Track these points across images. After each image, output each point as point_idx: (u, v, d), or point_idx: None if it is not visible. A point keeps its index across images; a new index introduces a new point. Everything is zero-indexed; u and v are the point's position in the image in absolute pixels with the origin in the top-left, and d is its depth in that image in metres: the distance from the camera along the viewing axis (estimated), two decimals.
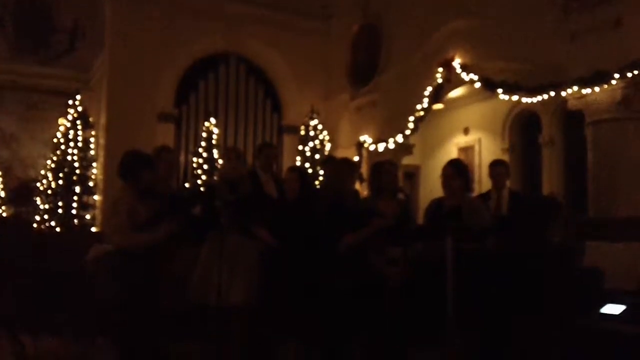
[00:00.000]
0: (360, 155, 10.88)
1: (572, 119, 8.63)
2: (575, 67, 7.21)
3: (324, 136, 11.78)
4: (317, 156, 11.48)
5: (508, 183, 5.99)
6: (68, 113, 10.96)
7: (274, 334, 4.42)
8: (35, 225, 10.39)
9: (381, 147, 10.41)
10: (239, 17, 11.91)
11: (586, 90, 6.98)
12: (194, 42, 11.79)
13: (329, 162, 5.85)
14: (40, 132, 13.06)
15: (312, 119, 11.77)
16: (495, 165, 5.94)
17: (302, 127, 11.82)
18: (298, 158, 11.69)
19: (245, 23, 11.96)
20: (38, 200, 10.80)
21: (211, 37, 11.96)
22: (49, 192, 10.62)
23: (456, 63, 8.90)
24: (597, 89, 6.87)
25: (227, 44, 12.25)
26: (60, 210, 10.48)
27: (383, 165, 4.62)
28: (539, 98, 7.80)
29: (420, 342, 4.32)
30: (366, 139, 10.92)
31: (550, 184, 9.42)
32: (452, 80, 9.12)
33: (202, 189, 9.77)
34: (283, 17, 12.23)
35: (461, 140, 11.23)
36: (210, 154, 11.12)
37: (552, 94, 7.46)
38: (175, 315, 4.01)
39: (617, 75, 6.64)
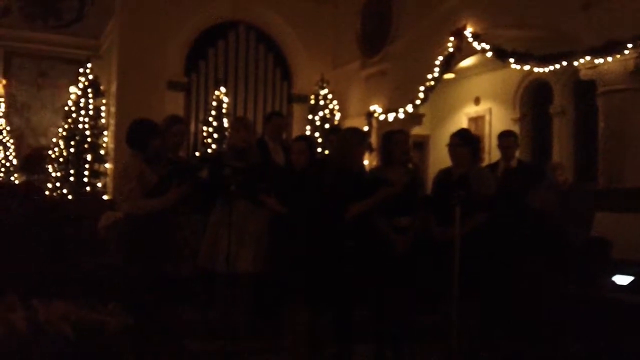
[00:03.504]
0: (370, 124, 10.85)
1: (583, 88, 8.55)
2: (588, 36, 7.12)
3: (334, 105, 11.74)
4: (326, 125, 11.45)
5: (517, 154, 5.98)
6: (79, 81, 10.99)
7: (281, 300, 4.49)
8: (47, 192, 10.51)
9: (391, 116, 10.37)
10: None
11: (598, 60, 6.90)
12: (204, 9, 11.72)
13: (337, 131, 5.86)
14: (51, 100, 13.10)
15: (322, 88, 11.71)
16: (504, 136, 5.92)
17: (312, 97, 11.77)
18: (308, 127, 11.68)
19: None
20: (50, 168, 10.89)
21: (221, 4, 11.87)
22: (61, 160, 10.72)
23: (467, 32, 8.78)
24: (609, 58, 6.79)
25: (236, 11, 12.16)
26: (71, 178, 10.58)
27: (393, 135, 4.62)
28: (551, 68, 7.73)
29: (423, 307, 4.38)
30: (376, 108, 10.88)
31: (560, 154, 9.38)
32: (463, 50, 9.02)
33: (211, 156, 9.81)
34: None
35: (471, 110, 11.16)
36: (220, 122, 11.14)
37: (564, 63, 7.39)
38: (183, 280, 4.08)
39: (629, 45, 6.55)
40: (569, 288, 4.08)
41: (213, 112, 11.26)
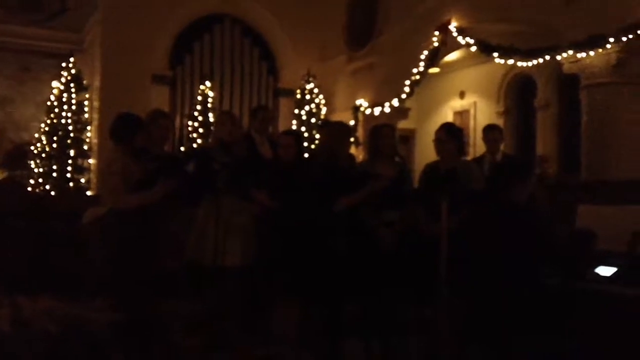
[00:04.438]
0: (356, 119, 10.86)
1: (567, 82, 8.62)
2: (572, 30, 7.18)
3: (320, 100, 11.72)
4: (313, 120, 11.44)
5: (502, 147, 6.02)
6: (62, 75, 10.86)
7: (269, 294, 4.49)
8: (29, 188, 10.40)
9: (377, 110, 10.39)
10: None
11: (581, 54, 6.97)
12: (190, 2, 11.63)
13: (324, 125, 5.86)
14: (33, 94, 12.94)
15: (308, 82, 11.69)
16: (489, 129, 5.96)
17: (298, 91, 11.75)
18: (294, 121, 11.66)
19: None
20: (32, 163, 10.77)
21: None
22: (43, 155, 10.60)
23: (452, 26, 8.82)
24: (592, 52, 6.85)
25: (222, 5, 12.08)
26: (54, 174, 10.48)
27: (381, 129, 4.63)
28: (535, 62, 7.78)
29: (412, 301, 4.40)
30: (362, 102, 10.89)
31: (544, 147, 9.47)
32: (449, 44, 9.05)
33: (196, 149, 9.77)
34: None
35: (457, 104, 11.21)
36: (206, 117, 11.07)
37: (548, 57, 7.45)
38: (170, 274, 4.07)
39: (612, 39, 6.62)
40: (553, 280, 4.12)
41: (198, 107, 11.18)
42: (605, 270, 4.15)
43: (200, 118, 11.09)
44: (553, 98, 9.56)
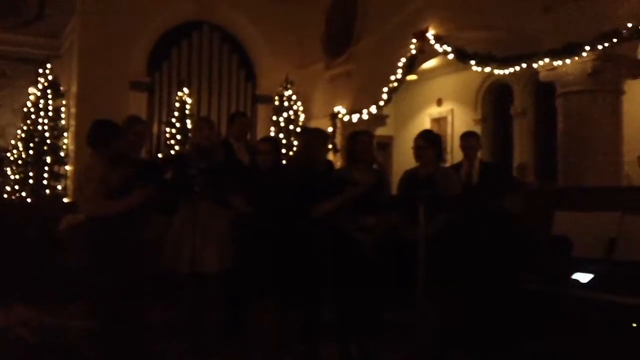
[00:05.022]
0: (334, 125, 10.89)
1: (543, 90, 8.74)
2: (549, 38, 7.28)
3: (298, 106, 11.74)
4: (291, 127, 11.44)
5: (479, 154, 6.07)
6: (38, 82, 10.73)
7: (247, 298, 4.48)
8: (5, 195, 10.24)
9: (355, 117, 10.43)
10: None
11: (558, 62, 7.07)
12: (167, 8, 11.57)
13: (302, 132, 5.87)
14: (10, 100, 12.77)
15: (287, 89, 11.69)
16: (466, 136, 6.00)
17: (277, 97, 11.75)
18: (272, 128, 11.65)
19: None
20: (8, 170, 10.61)
21: (184, 4, 11.76)
22: (20, 162, 10.45)
23: (430, 34, 8.90)
24: (568, 60, 6.96)
25: (200, 11, 12.05)
26: (31, 181, 10.33)
27: (358, 136, 4.65)
28: (511, 70, 7.88)
29: (390, 305, 4.41)
30: (340, 109, 10.93)
31: (521, 154, 9.58)
32: (426, 51, 9.13)
33: (174, 156, 9.71)
34: None
35: (434, 111, 11.31)
36: (184, 123, 11.01)
37: (524, 65, 7.54)
38: (148, 281, 4.03)
39: (587, 47, 6.72)
40: (531, 285, 4.17)
41: (176, 113, 11.12)
42: (582, 277, 4.20)
43: (178, 124, 11.02)
44: (529, 106, 9.69)
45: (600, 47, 6.67)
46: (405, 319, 4.31)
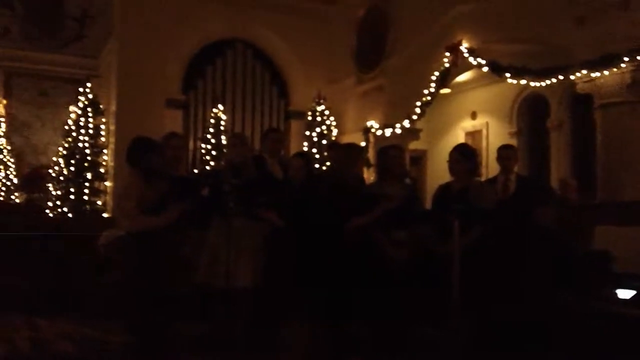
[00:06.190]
0: (367, 140, 10.89)
1: (580, 102, 8.60)
2: (584, 49, 7.18)
3: (331, 121, 11.79)
4: (324, 141, 11.49)
5: (516, 167, 5.98)
6: (79, 100, 11.03)
7: (279, 314, 4.49)
8: (47, 211, 10.50)
9: (388, 132, 10.41)
10: (244, 2, 11.91)
11: (595, 74, 6.95)
12: (202, 28, 11.81)
13: (334, 146, 5.89)
14: (51, 118, 13.16)
15: (319, 104, 11.77)
16: (503, 149, 5.91)
17: (309, 113, 11.83)
18: (305, 143, 11.72)
19: (251, 8, 11.96)
20: (50, 186, 10.89)
21: (218, 23, 11.98)
22: (61, 178, 10.73)
23: (463, 47, 8.86)
24: (605, 72, 6.84)
25: (233, 30, 12.26)
26: (72, 196, 10.58)
27: (389, 150, 4.65)
28: (547, 82, 7.78)
29: (423, 321, 4.38)
30: (373, 124, 10.93)
31: (558, 168, 9.41)
32: (460, 65, 9.08)
33: (209, 173, 9.84)
34: (288, 2, 12.22)
35: (468, 124, 11.21)
36: (219, 140, 11.18)
37: (561, 77, 7.44)
38: (182, 297, 4.09)
39: (626, 58, 6.60)
40: (570, 300, 4.08)
41: (211, 130, 11.30)
42: (624, 293, 4.09)
43: (212, 140, 11.19)
44: (566, 118, 9.52)
45: (639, 57, 6.54)
46: (437, 333, 4.27)
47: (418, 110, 9.76)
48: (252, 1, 11.97)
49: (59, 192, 10.67)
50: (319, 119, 11.74)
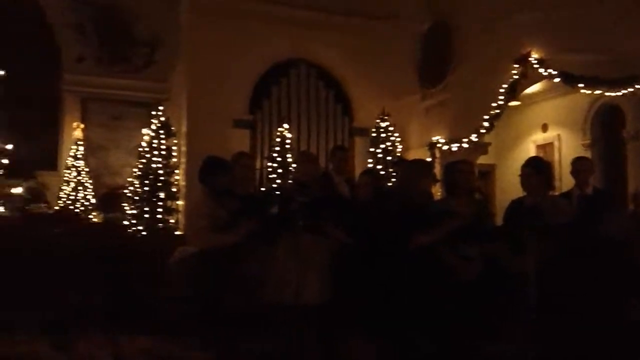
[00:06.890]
0: (433, 155, 10.78)
1: None
2: None
3: (395, 137, 11.74)
4: (388, 157, 11.44)
5: (591, 180, 5.77)
6: (151, 123, 11.44)
7: (347, 331, 4.48)
8: (123, 229, 10.90)
9: (455, 147, 10.27)
10: (307, 23, 12.08)
11: None
12: (266, 49, 12.06)
13: (400, 163, 5.87)
14: (124, 141, 13.75)
15: (383, 120, 11.76)
16: (577, 161, 5.73)
17: (373, 129, 11.83)
18: (370, 160, 11.71)
19: (313, 28, 12.12)
20: (126, 206, 11.32)
21: (281, 44, 12.19)
22: (136, 198, 11.11)
23: (532, 58, 8.66)
24: None
25: (297, 50, 12.45)
26: (146, 215, 10.95)
27: (456, 165, 4.59)
28: (623, 91, 7.50)
29: (494, 336, 4.26)
30: (438, 139, 10.81)
31: (635, 180, 9.00)
32: (529, 76, 8.88)
33: (277, 191, 9.96)
34: (350, 20, 12.33)
35: (539, 137, 10.92)
36: (284, 158, 11.33)
37: (638, 87, 7.16)
38: (252, 314, 4.15)
39: None
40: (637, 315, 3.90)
41: (277, 148, 11.48)
42: None
43: (279, 159, 11.35)
44: None
45: None
46: (506, 350, 4.15)
47: (486, 123, 9.59)
48: (315, 21, 12.14)
49: (134, 211, 11.06)
50: (383, 135, 11.71)
